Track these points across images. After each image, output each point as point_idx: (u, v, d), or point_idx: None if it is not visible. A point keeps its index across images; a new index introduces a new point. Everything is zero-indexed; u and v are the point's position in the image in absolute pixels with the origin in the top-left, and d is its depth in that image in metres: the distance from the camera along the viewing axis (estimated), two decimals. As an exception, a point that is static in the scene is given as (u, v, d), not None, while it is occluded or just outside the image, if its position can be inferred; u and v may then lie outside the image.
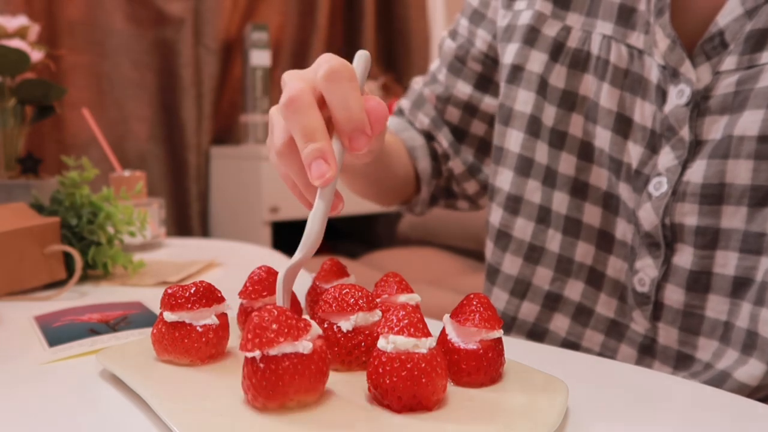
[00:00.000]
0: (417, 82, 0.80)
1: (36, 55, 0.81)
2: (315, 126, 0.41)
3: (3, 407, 0.39)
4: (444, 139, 0.76)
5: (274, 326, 0.34)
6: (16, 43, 0.79)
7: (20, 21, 0.83)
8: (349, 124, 0.42)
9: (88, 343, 0.49)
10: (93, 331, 0.52)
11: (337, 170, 0.42)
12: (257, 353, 0.33)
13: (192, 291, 0.41)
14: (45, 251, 0.66)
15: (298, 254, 0.42)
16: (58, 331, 0.52)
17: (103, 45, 2.04)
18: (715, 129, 0.54)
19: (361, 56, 0.48)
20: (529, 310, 0.66)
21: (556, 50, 0.64)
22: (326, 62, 0.43)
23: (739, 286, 0.54)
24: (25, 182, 0.77)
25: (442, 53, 0.78)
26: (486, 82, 0.74)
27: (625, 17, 0.60)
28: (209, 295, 0.42)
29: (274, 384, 0.33)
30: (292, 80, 0.43)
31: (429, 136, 0.78)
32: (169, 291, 0.41)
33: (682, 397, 0.41)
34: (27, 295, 0.65)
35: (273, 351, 0.33)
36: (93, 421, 0.36)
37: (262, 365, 0.33)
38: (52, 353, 0.47)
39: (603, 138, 0.61)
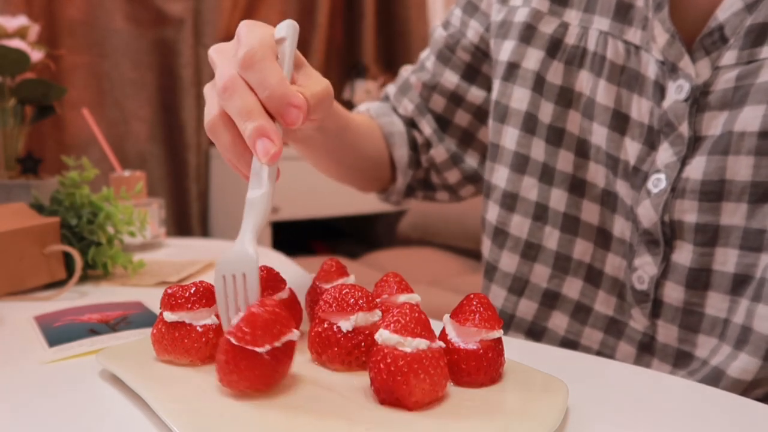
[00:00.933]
0: (406, 69, 0.80)
1: (36, 55, 0.81)
2: (250, 106, 0.43)
3: (3, 407, 0.39)
4: (427, 126, 0.76)
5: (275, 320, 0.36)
6: (16, 43, 0.79)
7: (20, 21, 0.83)
8: (273, 101, 0.43)
9: (88, 343, 0.49)
10: (93, 331, 0.52)
11: (281, 145, 0.43)
12: (267, 348, 0.35)
13: (192, 291, 0.41)
14: (45, 251, 0.66)
15: (252, 235, 0.41)
16: (58, 331, 0.52)
17: (103, 45, 2.04)
18: (714, 125, 0.54)
19: (285, 26, 0.48)
20: (527, 308, 0.66)
21: (554, 47, 0.64)
22: (242, 44, 0.44)
23: (739, 283, 0.54)
24: (25, 182, 0.77)
25: (432, 41, 0.78)
26: (473, 73, 0.74)
27: (623, 13, 0.60)
28: (209, 295, 0.42)
29: (279, 373, 0.37)
30: (222, 64, 0.45)
31: (411, 123, 0.78)
32: (169, 291, 0.42)
33: (681, 397, 0.41)
34: (27, 295, 0.65)
35: (277, 343, 0.36)
36: (93, 421, 0.36)
37: (268, 357, 0.35)
38: (52, 353, 0.47)
39: (599, 135, 0.61)
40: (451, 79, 0.75)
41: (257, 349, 0.35)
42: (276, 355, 0.36)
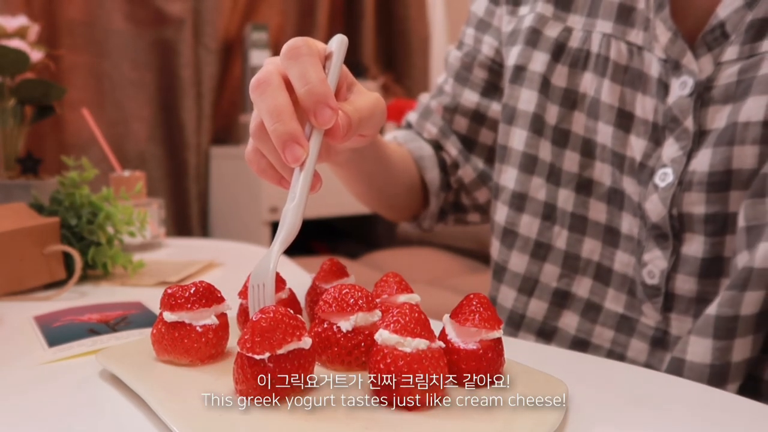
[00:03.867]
0: (424, 97, 0.80)
1: (36, 55, 0.81)
2: (281, 106, 0.42)
3: (3, 407, 0.39)
4: (453, 147, 0.76)
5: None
6: (16, 43, 0.79)
7: (20, 21, 0.83)
8: (310, 97, 0.42)
9: (88, 343, 0.49)
10: (93, 331, 0.52)
11: (312, 151, 0.43)
12: (267, 355, 0.35)
13: (192, 291, 0.41)
14: (45, 251, 0.66)
15: (278, 248, 0.42)
16: (58, 331, 0.52)
17: (102, 45, 2.04)
18: (719, 118, 0.55)
19: (336, 39, 0.48)
20: (537, 308, 0.67)
21: (558, 50, 0.65)
22: (287, 42, 0.44)
23: None
24: (25, 182, 0.77)
25: (447, 65, 0.78)
26: (493, 89, 0.74)
27: (625, 16, 0.61)
28: (209, 295, 0.42)
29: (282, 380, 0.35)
30: (264, 65, 0.45)
31: (437, 146, 0.78)
32: (169, 291, 0.42)
33: (682, 397, 0.41)
34: (27, 295, 0.65)
35: (281, 351, 0.35)
36: (93, 421, 0.36)
37: (271, 365, 0.35)
38: (52, 353, 0.47)
39: (605, 134, 0.62)
40: (471, 98, 0.75)
41: (255, 356, 0.35)
42: (280, 363, 0.35)
